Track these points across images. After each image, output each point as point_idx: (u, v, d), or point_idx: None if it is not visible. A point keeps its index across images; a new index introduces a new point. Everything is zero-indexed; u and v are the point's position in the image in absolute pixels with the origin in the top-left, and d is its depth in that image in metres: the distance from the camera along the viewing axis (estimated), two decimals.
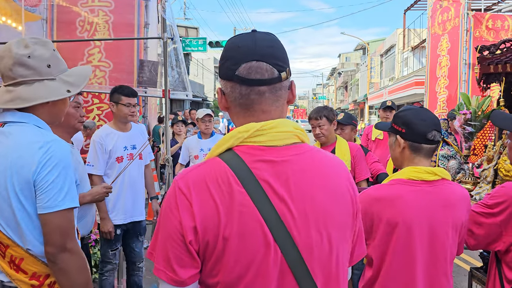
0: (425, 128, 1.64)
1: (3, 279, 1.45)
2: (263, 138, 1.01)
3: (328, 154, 1.12)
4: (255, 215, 0.95)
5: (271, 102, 1.04)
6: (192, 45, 20.09)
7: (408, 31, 23.87)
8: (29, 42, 1.49)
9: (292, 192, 0.99)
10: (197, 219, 0.95)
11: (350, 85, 47.58)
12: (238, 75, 1.01)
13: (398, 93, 20.88)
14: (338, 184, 1.05)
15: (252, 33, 1.06)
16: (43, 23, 5.47)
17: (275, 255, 0.96)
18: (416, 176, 1.62)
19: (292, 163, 1.01)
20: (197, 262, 0.98)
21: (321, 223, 1.00)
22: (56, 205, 1.40)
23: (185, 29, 26.74)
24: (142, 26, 5.48)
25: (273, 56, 1.02)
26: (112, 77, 5.39)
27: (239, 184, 0.96)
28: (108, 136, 3.20)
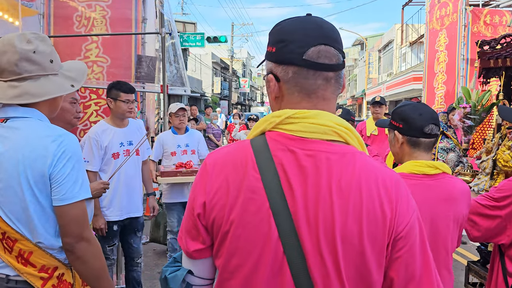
0: (422, 122, 1.64)
1: (9, 273, 1.47)
2: (294, 126, 0.94)
3: (377, 166, 0.96)
4: (264, 205, 0.91)
5: (334, 89, 0.99)
6: (190, 40, 20.04)
7: (406, 26, 23.85)
8: (30, 37, 1.48)
9: (308, 192, 0.91)
10: (207, 196, 0.96)
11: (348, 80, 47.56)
12: (307, 59, 0.94)
13: (396, 89, 20.89)
14: (363, 201, 0.90)
15: (311, 17, 1.00)
16: (40, 18, 5.44)
17: (276, 250, 0.90)
18: (417, 170, 1.62)
19: (319, 160, 0.92)
20: (204, 237, 0.98)
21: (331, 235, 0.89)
22: (73, 197, 1.44)
23: (183, 24, 26.66)
24: (139, 21, 5.45)
25: (338, 42, 0.98)
26: (109, 73, 5.36)
27: (256, 169, 0.93)
28: (104, 132, 3.17)
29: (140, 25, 5.42)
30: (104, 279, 1.55)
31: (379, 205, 0.90)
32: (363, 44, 37.26)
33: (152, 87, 5.32)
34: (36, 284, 1.46)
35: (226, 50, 36.25)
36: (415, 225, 0.94)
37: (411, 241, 0.93)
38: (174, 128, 4.48)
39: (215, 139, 9.91)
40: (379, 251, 0.90)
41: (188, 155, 4.37)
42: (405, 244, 0.92)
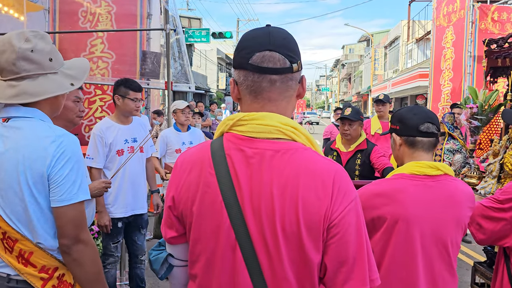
0: (417, 120, 1.64)
1: (10, 272, 1.46)
2: (243, 128, 1.06)
3: (318, 159, 1.05)
4: (217, 197, 1.03)
5: (280, 91, 1.07)
6: (195, 36, 20.02)
7: (412, 22, 23.70)
8: (29, 35, 1.46)
9: (253, 186, 1.02)
10: (175, 190, 1.11)
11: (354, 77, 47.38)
12: (252, 63, 1.05)
13: (402, 85, 20.78)
14: (299, 193, 1.00)
15: (266, 27, 1.11)
16: (45, 13, 5.44)
17: (229, 237, 1.03)
18: (419, 171, 1.61)
19: (263, 157, 1.03)
20: (177, 226, 1.13)
21: (272, 223, 1.00)
22: (71, 198, 1.43)
23: (188, 20, 26.62)
24: (144, 17, 5.44)
25: (286, 47, 1.06)
26: (114, 69, 5.36)
27: (211, 166, 1.05)
28: (109, 129, 3.17)
29: (145, 21, 5.42)
30: (99, 284, 1.52)
31: (315, 196, 1.00)
32: (369, 40, 37.06)
33: (157, 83, 5.31)
34: (36, 284, 1.45)
35: (231, 45, 36.18)
36: (349, 214, 1.02)
37: (344, 228, 1.01)
38: (177, 125, 4.45)
39: None
40: (315, 236, 1.00)
41: None
42: (339, 232, 1.01)
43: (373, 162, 3.48)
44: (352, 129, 3.51)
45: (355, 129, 3.53)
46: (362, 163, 3.51)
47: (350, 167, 3.52)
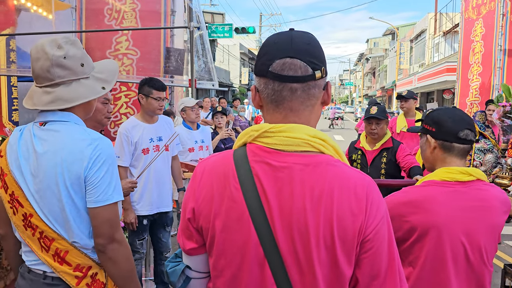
0: (456, 126, 1.58)
1: (45, 269, 1.52)
2: (270, 140, 1.02)
3: (350, 172, 1.02)
4: (244, 212, 1.00)
5: (302, 100, 1.03)
6: (218, 31, 20.05)
7: (440, 15, 23.13)
8: (61, 42, 1.51)
9: (283, 201, 0.98)
10: (196, 202, 1.06)
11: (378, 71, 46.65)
12: (272, 71, 1.01)
13: (428, 80, 20.34)
14: (334, 207, 0.97)
15: (289, 31, 1.06)
16: (72, 11, 5.54)
17: (257, 253, 0.99)
18: (449, 177, 1.56)
19: (293, 171, 0.99)
20: (197, 238, 1.08)
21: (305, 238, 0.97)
22: (106, 199, 1.48)
23: (211, 15, 26.69)
24: (168, 14, 5.47)
25: (308, 54, 1.02)
26: (139, 66, 5.42)
27: (236, 180, 1.01)
28: (134, 128, 3.20)
29: (169, 18, 5.45)
30: (133, 282, 1.58)
31: (349, 211, 0.97)
32: (394, 34, 36.38)
33: (181, 80, 5.34)
34: (71, 282, 1.50)
35: (254, 40, 36.12)
36: (383, 228, 1.00)
37: (378, 243, 0.99)
38: (187, 123, 4.41)
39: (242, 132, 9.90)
40: (349, 251, 0.97)
41: (203, 151, 4.38)
42: (373, 246, 0.99)
43: (399, 160, 3.41)
44: (379, 128, 3.46)
45: (382, 127, 3.47)
46: (388, 161, 3.45)
47: (376, 166, 3.46)
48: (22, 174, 1.49)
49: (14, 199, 1.51)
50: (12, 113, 5.49)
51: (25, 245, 1.55)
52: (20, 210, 1.50)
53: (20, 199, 1.50)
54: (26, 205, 1.49)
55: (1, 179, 1.54)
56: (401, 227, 1.53)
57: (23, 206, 1.49)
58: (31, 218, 1.49)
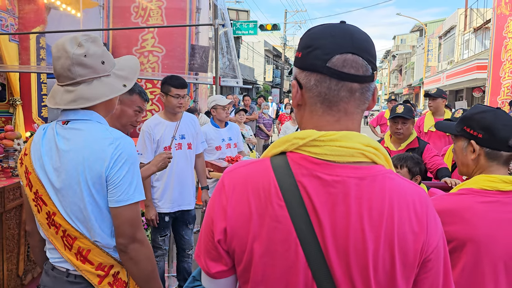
0: (508, 133, 1.45)
1: (68, 267, 1.53)
2: (319, 150, 0.89)
3: (406, 186, 0.92)
4: (290, 234, 0.87)
5: (358, 103, 0.93)
6: (243, 28, 20.06)
7: (470, 11, 22.48)
8: (81, 40, 1.50)
9: (337, 220, 0.87)
10: (228, 222, 0.91)
11: (405, 68, 45.75)
12: (330, 67, 0.89)
13: (457, 78, 19.82)
14: (395, 226, 0.87)
15: (343, 24, 0.95)
16: (100, 9, 5.63)
17: (306, 279, 0.87)
18: (490, 186, 1.43)
19: (347, 186, 0.87)
20: (226, 260, 0.94)
21: (363, 263, 0.86)
22: (128, 199, 1.47)
23: (236, 12, 26.73)
24: (193, 11, 5.49)
25: (368, 52, 0.92)
26: (164, 63, 5.46)
27: (280, 197, 0.88)
28: (157, 126, 3.20)
29: (194, 15, 5.47)
30: (154, 281, 1.58)
31: (410, 230, 0.88)
32: (422, 30, 35.60)
33: (205, 78, 5.36)
34: (94, 281, 1.51)
35: (278, 37, 35.97)
36: (441, 246, 0.93)
37: (438, 261, 0.92)
38: (215, 121, 4.37)
39: (265, 129, 9.89)
40: (409, 273, 0.89)
41: (231, 149, 4.34)
42: (433, 266, 0.91)
43: (426, 161, 3.31)
44: (405, 128, 3.38)
45: (408, 127, 3.39)
46: None
47: None
48: (45, 173, 1.49)
49: (38, 197, 1.52)
50: (42, 109, 5.63)
51: (49, 243, 1.56)
52: (44, 208, 1.51)
53: (43, 198, 1.50)
54: (49, 203, 1.49)
55: (26, 177, 1.55)
56: None
57: (46, 205, 1.50)
58: (54, 216, 1.50)
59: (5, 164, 3.25)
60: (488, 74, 9.35)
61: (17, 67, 5.15)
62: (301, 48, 0.95)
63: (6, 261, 2.75)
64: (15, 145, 3.27)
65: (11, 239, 2.81)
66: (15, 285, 2.87)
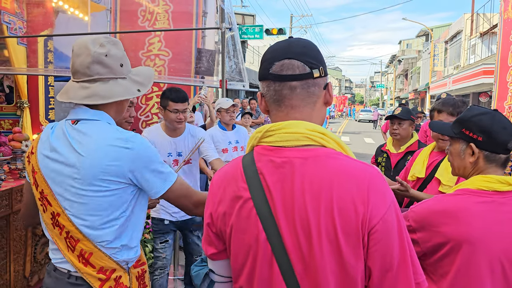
0: (507, 137, 1.46)
1: (70, 268, 1.52)
2: (271, 138, 1.06)
3: (350, 163, 1.02)
4: (252, 211, 1.03)
5: (302, 97, 1.07)
6: (249, 32, 20.13)
7: (477, 15, 22.42)
8: (103, 41, 1.52)
9: (286, 196, 1.01)
10: (212, 207, 1.12)
11: (411, 73, 45.64)
12: (272, 73, 1.07)
13: (463, 83, 19.75)
14: (334, 198, 0.96)
15: (287, 39, 1.13)
16: (107, 13, 5.67)
17: (265, 250, 1.02)
18: (486, 186, 1.44)
19: (293, 165, 1.02)
20: (217, 243, 1.13)
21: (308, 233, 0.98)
22: (164, 187, 1.54)
23: (242, 16, 26.81)
24: (200, 15, 5.51)
25: (305, 55, 1.07)
26: (170, 67, 5.48)
27: (244, 181, 1.06)
28: (156, 138, 3.06)
29: (200, 19, 5.49)
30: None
31: (351, 202, 0.96)
32: (428, 35, 35.52)
33: (211, 81, 5.37)
34: (95, 284, 1.49)
35: None
36: (391, 219, 0.98)
37: (386, 233, 0.97)
38: (222, 124, 4.36)
39: None
40: (354, 244, 0.96)
41: (238, 152, 4.29)
42: (381, 238, 0.97)
43: None
44: (401, 128, 3.45)
45: (405, 128, 3.45)
46: None
47: (399, 169, 3.40)
48: (50, 173, 1.48)
49: (44, 197, 1.51)
50: (49, 112, 5.67)
51: (52, 243, 1.55)
52: (49, 208, 1.50)
53: (48, 198, 1.50)
54: (54, 204, 1.49)
55: (33, 176, 1.54)
56: (431, 237, 1.43)
57: (51, 205, 1.49)
58: (58, 217, 1.49)
59: (13, 166, 3.27)
60: (495, 79, 9.28)
61: (25, 70, 5.20)
62: (260, 64, 1.16)
63: (13, 262, 2.76)
64: (23, 146, 3.29)
65: (18, 240, 2.82)
66: (21, 286, 2.88)
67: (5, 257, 2.70)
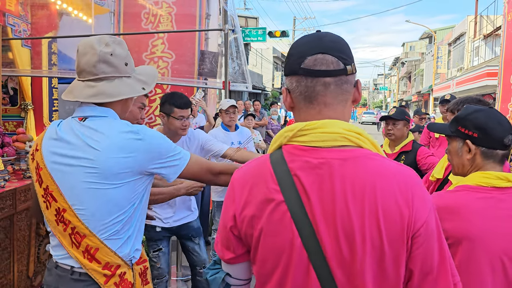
0: (503, 132, 1.47)
1: (73, 264, 1.52)
2: (306, 138, 1.01)
3: (390, 165, 0.99)
4: (285, 214, 0.98)
5: (335, 95, 1.03)
6: (252, 35, 20.18)
7: (480, 18, 22.37)
8: (109, 40, 1.55)
9: (324, 198, 0.96)
10: (236, 210, 1.05)
11: (414, 75, 45.58)
12: (304, 68, 1.02)
13: (467, 85, 19.69)
14: (378, 201, 0.93)
15: (316, 32, 1.09)
16: (111, 15, 5.69)
17: (301, 256, 0.96)
18: (486, 182, 1.44)
19: (332, 167, 0.97)
20: (235, 247, 1.08)
21: (351, 237, 0.93)
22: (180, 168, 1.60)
23: (245, 19, 26.87)
24: (203, 17, 5.53)
25: (338, 50, 1.03)
26: (174, 68, 5.50)
27: (275, 182, 1.00)
28: None
29: (204, 21, 5.51)
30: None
31: (395, 205, 0.94)
32: (431, 37, 35.49)
33: (214, 83, 5.38)
34: (100, 280, 1.50)
35: (287, 44, 36.07)
36: (432, 222, 0.97)
37: (429, 236, 0.96)
38: (224, 125, 4.37)
39: (273, 135, 9.91)
40: (398, 248, 0.94)
41: None
42: (424, 241, 0.95)
43: (420, 164, 3.36)
44: (396, 129, 3.49)
45: (399, 129, 3.49)
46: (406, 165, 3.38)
47: None
48: (58, 168, 1.50)
49: (48, 193, 1.51)
50: (53, 114, 5.70)
51: (54, 240, 1.56)
52: (54, 204, 1.51)
53: (54, 194, 1.50)
54: (60, 199, 1.49)
55: (37, 172, 1.55)
56: None
57: (56, 201, 1.50)
58: (64, 213, 1.49)
59: (16, 167, 3.29)
60: (499, 81, 9.25)
61: (29, 71, 5.23)
62: (285, 58, 1.11)
63: (16, 262, 2.77)
64: (26, 147, 3.31)
65: (22, 240, 2.83)
66: (25, 286, 2.88)
67: (8, 257, 2.71)
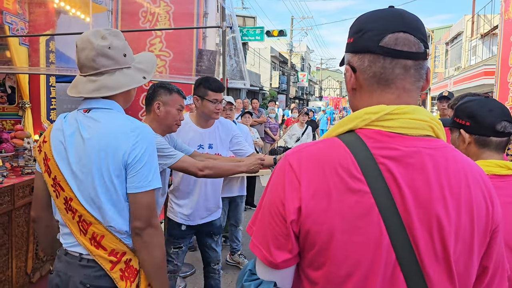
0: (493, 118, 1.48)
1: (81, 251, 1.56)
2: (393, 123, 0.88)
3: (464, 156, 0.94)
4: (372, 208, 0.84)
5: (414, 80, 0.92)
6: (250, 34, 20.18)
7: (477, 17, 22.43)
8: (105, 33, 1.57)
9: (419, 192, 0.85)
10: (303, 200, 0.86)
11: None
12: (383, 46, 0.89)
13: (464, 84, 19.74)
14: (472, 194, 0.88)
15: (392, 8, 0.96)
16: (108, 14, 5.70)
17: (388, 256, 0.84)
18: (486, 170, 1.46)
19: (423, 157, 0.87)
20: (294, 246, 0.89)
21: (446, 235, 0.85)
22: (147, 185, 1.53)
23: (243, 18, 26.87)
24: (201, 15, 5.54)
25: (419, 31, 0.92)
26: (172, 66, 5.51)
27: (359, 171, 0.85)
28: (183, 128, 2.74)
29: (201, 20, 5.52)
30: (163, 270, 1.61)
31: (483, 199, 0.90)
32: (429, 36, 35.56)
33: None
34: (106, 266, 1.53)
35: (285, 44, 36.07)
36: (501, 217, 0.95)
37: (501, 233, 0.93)
38: None
39: (271, 133, 9.93)
40: (481, 244, 0.90)
41: None
42: (498, 235, 0.93)
43: None
44: None
45: None
46: None
47: None
48: (66, 159, 1.54)
49: (57, 183, 1.56)
50: (50, 112, 5.70)
51: (65, 228, 1.60)
52: (62, 194, 1.55)
53: (61, 183, 1.55)
54: (67, 189, 1.54)
55: (45, 163, 1.59)
56: None
57: (64, 190, 1.55)
58: (71, 202, 1.54)
59: (14, 163, 3.29)
60: (496, 80, 9.27)
61: (27, 69, 5.22)
62: (352, 33, 0.96)
63: (15, 259, 2.77)
64: (25, 144, 3.31)
65: (20, 236, 2.84)
66: (23, 282, 2.89)
67: (7, 253, 2.71)
